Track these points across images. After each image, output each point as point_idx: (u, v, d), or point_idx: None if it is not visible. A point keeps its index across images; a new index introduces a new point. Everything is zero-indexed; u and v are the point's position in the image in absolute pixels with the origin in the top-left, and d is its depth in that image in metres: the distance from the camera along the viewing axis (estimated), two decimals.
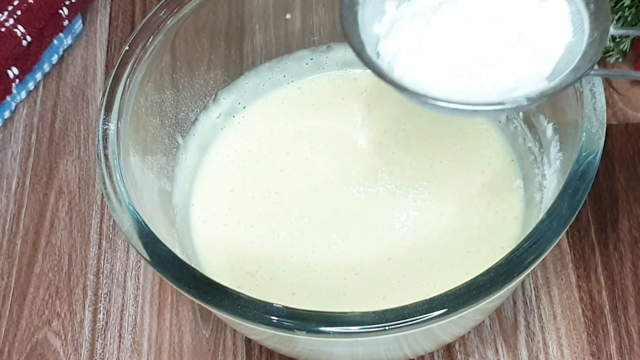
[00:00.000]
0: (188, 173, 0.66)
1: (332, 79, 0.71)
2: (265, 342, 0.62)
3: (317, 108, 0.69)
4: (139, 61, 0.60)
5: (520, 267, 0.50)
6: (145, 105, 0.62)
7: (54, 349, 0.66)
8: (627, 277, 0.67)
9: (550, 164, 0.60)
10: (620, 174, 0.71)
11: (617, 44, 0.74)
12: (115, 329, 0.67)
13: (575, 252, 0.68)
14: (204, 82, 0.67)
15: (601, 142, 0.54)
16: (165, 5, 0.62)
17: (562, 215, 0.52)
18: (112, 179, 0.55)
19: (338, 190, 0.65)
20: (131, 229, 0.54)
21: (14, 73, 0.76)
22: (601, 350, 0.64)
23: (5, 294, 0.69)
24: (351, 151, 0.67)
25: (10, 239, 0.71)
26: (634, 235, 0.68)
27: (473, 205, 0.64)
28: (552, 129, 0.61)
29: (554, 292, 0.66)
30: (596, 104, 0.55)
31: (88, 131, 0.76)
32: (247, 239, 0.64)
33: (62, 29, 0.80)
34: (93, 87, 0.79)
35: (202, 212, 0.65)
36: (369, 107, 0.69)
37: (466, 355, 0.64)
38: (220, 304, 0.50)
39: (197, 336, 0.66)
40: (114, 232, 0.71)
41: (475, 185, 0.65)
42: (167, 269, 0.52)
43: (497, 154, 0.66)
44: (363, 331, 0.49)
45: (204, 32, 0.66)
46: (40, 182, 0.74)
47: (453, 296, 0.49)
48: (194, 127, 0.67)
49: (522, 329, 0.65)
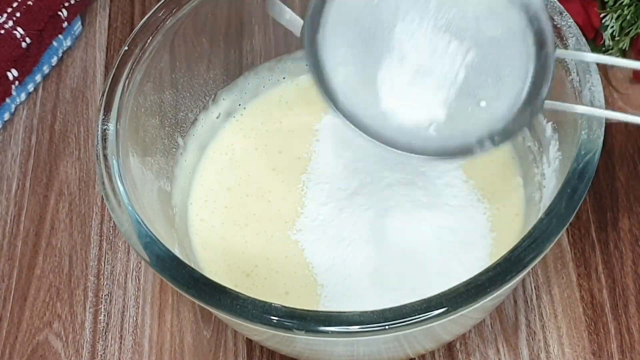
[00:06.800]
0: (187, 173, 0.66)
1: None
2: (265, 342, 0.62)
3: (314, 105, 0.69)
4: (138, 61, 0.60)
5: (519, 266, 0.50)
6: (145, 106, 0.62)
7: (55, 350, 0.66)
8: (627, 275, 0.66)
9: (549, 163, 0.60)
10: (620, 172, 0.71)
11: (616, 43, 0.74)
12: (116, 330, 0.67)
13: (575, 251, 0.68)
14: (204, 82, 0.67)
15: (600, 141, 0.54)
16: (164, 6, 0.62)
17: (561, 214, 0.52)
18: (111, 179, 0.55)
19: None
20: (130, 230, 0.54)
21: (13, 75, 0.76)
22: (602, 349, 0.64)
23: (5, 296, 0.69)
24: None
25: (10, 241, 0.71)
26: (634, 234, 0.68)
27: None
28: (551, 128, 0.61)
29: (554, 290, 0.66)
30: (595, 102, 0.55)
31: (88, 133, 0.76)
32: (242, 238, 0.64)
33: (62, 31, 0.80)
34: (92, 89, 0.79)
35: (199, 210, 0.65)
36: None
37: (467, 354, 0.64)
38: (219, 304, 0.50)
39: (198, 337, 0.66)
40: (115, 234, 0.71)
41: (475, 181, 0.65)
42: (166, 269, 0.52)
43: (497, 150, 0.66)
44: (362, 331, 0.49)
45: (203, 33, 0.66)
46: (40, 183, 0.74)
47: (452, 295, 0.49)
48: (193, 127, 0.67)
49: (523, 328, 0.65)
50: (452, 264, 0.61)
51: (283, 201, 0.65)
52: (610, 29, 0.74)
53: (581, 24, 0.71)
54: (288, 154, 0.67)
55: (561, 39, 0.58)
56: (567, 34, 0.58)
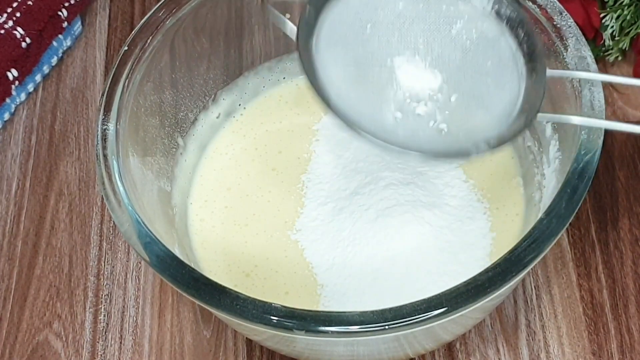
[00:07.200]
0: (187, 173, 0.66)
1: None
2: (265, 342, 0.62)
3: (314, 106, 0.69)
4: (138, 61, 0.60)
5: (519, 266, 0.50)
6: (145, 106, 0.62)
7: (54, 350, 0.66)
8: (627, 275, 0.66)
9: (549, 163, 0.60)
10: (620, 172, 0.71)
11: (616, 43, 0.74)
12: (116, 330, 0.67)
13: (575, 251, 0.68)
14: (203, 82, 0.67)
15: (600, 141, 0.54)
16: (164, 6, 0.62)
17: (560, 214, 0.52)
18: (111, 179, 0.55)
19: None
20: (130, 230, 0.54)
21: (13, 75, 0.76)
22: (602, 349, 0.64)
23: (5, 296, 0.69)
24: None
25: (10, 241, 0.71)
26: (634, 234, 0.68)
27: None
28: (551, 128, 0.61)
29: (554, 290, 0.66)
30: (595, 102, 0.55)
31: (88, 133, 0.76)
32: (242, 238, 0.64)
33: (62, 31, 0.80)
34: (92, 89, 0.79)
35: (199, 210, 0.65)
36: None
37: (467, 354, 0.64)
38: (219, 304, 0.50)
39: (198, 337, 0.66)
40: (115, 234, 0.71)
41: (475, 181, 0.65)
42: (166, 269, 0.52)
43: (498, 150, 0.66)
44: (362, 330, 0.49)
45: (203, 33, 0.66)
46: (40, 183, 0.74)
47: (452, 295, 0.49)
48: (193, 127, 0.67)
49: (523, 328, 0.65)
50: (451, 264, 0.61)
51: (283, 201, 0.65)
52: (610, 28, 0.74)
53: (581, 24, 0.71)
54: (288, 153, 0.67)
55: (561, 39, 0.58)
56: (567, 34, 0.58)
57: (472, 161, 0.65)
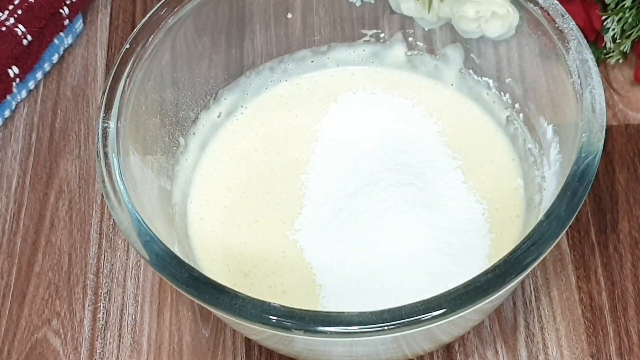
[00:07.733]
0: (188, 172, 0.66)
1: (330, 76, 0.71)
2: (264, 342, 0.62)
3: (314, 106, 0.69)
4: (140, 59, 0.60)
5: (519, 268, 0.50)
6: (146, 104, 0.62)
7: (53, 348, 0.66)
8: (627, 278, 0.66)
9: (549, 165, 0.60)
10: (620, 175, 0.71)
11: (617, 45, 0.74)
12: (115, 329, 0.67)
13: (575, 253, 0.68)
14: (205, 81, 0.67)
15: (600, 144, 0.54)
16: (166, 4, 0.62)
17: (560, 216, 0.52)
18: (111, 177, 0.55)
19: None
20: (130, 228, 0.54)
21: (14, 72, 0.76)
22: (601, 352, 0.64)
23: (5, 293, 0.69)
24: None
25: (10, 238, 0.71)
26: (634, 237, 0.68)
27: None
28: (552, 131, 0.61)
29: (553, 293, 0.66)
30: (596, 105, 0.55)
31: (88, 130, 0.76)
32: (241, 237, 0.64)
33: (63, 28, 0.80)
34: (93, 87, 0.79)
35: (199, 209, 0.65)
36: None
37: (465, 355, 0.64)
38: (218, 303, 0.50)
39: (197, 336, 0.66)
40: (114, 232, 0.71)
41: (474, 182, 0.65)
42: (166, 267, 0.52)
43: (498, 152, 0.66)
44: (361, 331, 0.49)
45: (205, 31, 0.66)
46: (40, 181, 0.74)
47: (451, 296, 0.49)
48: (194, 126, 0.67)
49: (521, 330, 0.65)
50: (450, 265, 0.61)
51: (282, 201, 0.65)
52: (611, 31, 0.74)
53: (582, 27, 0.71)
54: (287, 154, 0.67)
55: (562, 42, 0.58)
56: (569, 37, 0.58)
57: (475, 160, 0.66)
